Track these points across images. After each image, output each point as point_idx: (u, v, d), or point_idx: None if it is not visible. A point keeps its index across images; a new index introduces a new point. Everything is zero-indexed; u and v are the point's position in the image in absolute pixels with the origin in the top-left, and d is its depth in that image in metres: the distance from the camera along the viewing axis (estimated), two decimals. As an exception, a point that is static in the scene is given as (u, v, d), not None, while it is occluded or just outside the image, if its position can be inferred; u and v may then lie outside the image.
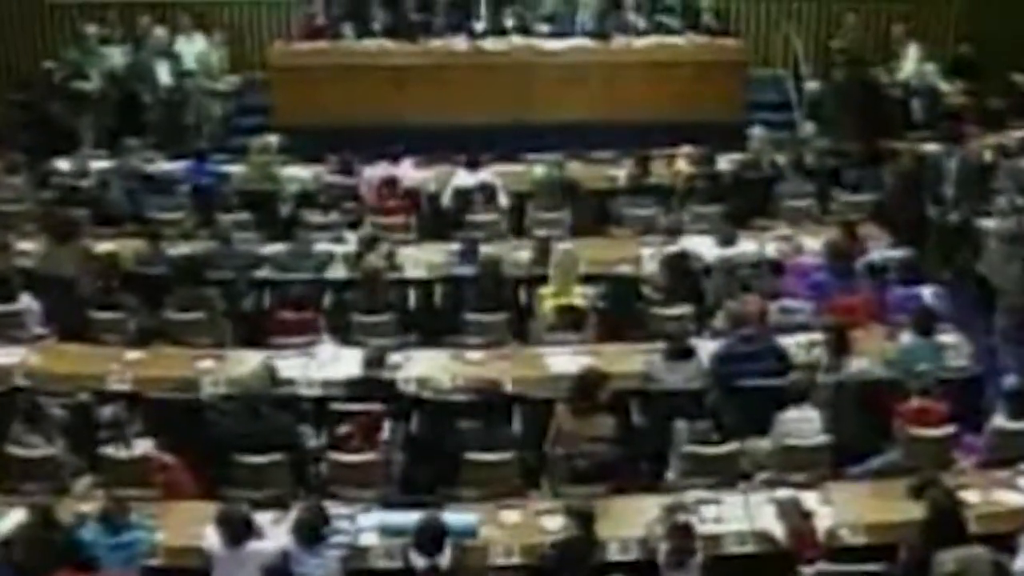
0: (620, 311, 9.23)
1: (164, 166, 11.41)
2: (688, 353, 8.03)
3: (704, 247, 9.62)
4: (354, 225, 10.31)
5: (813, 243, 9.64)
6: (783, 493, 6.92)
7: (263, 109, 13.02)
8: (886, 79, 12.99)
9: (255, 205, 10.71)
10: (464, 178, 10.95)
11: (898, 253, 9.52)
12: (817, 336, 8.19)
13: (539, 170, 11.19)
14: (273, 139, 11.39)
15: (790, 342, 8.22)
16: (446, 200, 10.96)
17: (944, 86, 12.97)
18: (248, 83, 13.85)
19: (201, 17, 13.82)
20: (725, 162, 11.27)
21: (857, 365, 7.89)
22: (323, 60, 12.85)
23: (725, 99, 12.69)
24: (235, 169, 11.34)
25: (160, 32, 13.21)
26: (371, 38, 13.12)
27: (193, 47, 13.38)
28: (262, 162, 11.20)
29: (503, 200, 10.85)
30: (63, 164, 11.40)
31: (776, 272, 9.21)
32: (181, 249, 9.77)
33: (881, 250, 9.61)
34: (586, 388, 7.35)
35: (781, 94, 13.63)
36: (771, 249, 9.67)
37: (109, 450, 7.21)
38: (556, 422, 7.30)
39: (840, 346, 7.91)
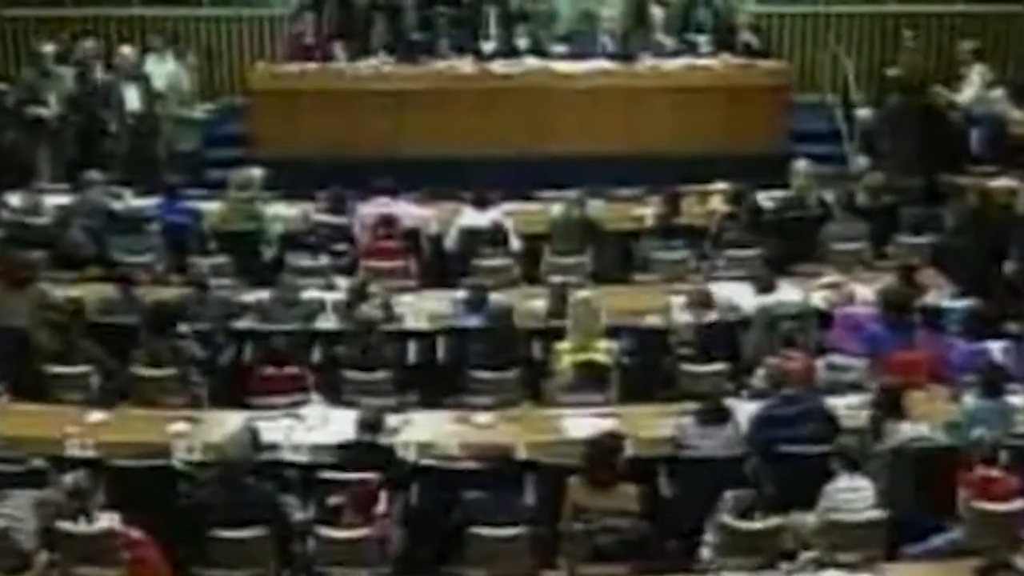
0: (647, 368, 9.34)
1: (132, 203, 11.61)
2: (723, 416, 8.13)
3: (741, 296, 9.74)
4: (346, 270, 10.47)
5: (866, 291, 9.74)
6: (832, 575, 6.99)
7: (243, 139, 13.24)
8: (946, 103, 13.08)
9: (235, 247, 10.87)
10: (471, 217, 11.11)
11: (962, 303, 9.60)
12: (870, 397, 8.29)
13: (556, 209, 11.34)
14: (256, 173, 11.55)
15: (839, 403, 8.32)
16: (451, 242, 11.11)
17: (1016, 114, 13.03)
18: (226, 109, 14.09)
19: (174, 36, 14.06)
20: (765, 200, 11.42)
21: (916, 430, 7.96)
22: (312, 84, 13.09)
23: (765, 128, 12.90)
24: (212, 207, 11.50)
25: (127, 51, 13.39)
26: (367, 59, 13.39)
27: (164, 68, 13.59)
28: (243, 199, 11.35)
29: (515, 242, 10.99)
30: (16, 199, 11.55)
31: (823, 324, 9.33)
32: (151, 296, 9.90)
33: (943, 299, 9.71)
34: (600, 457, 7.43)
35: (829, 123, 13.83)
36: (818, 298, 9.79)
37: (68, 524, 7.27)
38: (569, 497, 7.39)
39: (896, 408, 7.99)
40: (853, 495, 7.38)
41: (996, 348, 8.86)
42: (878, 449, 7.84)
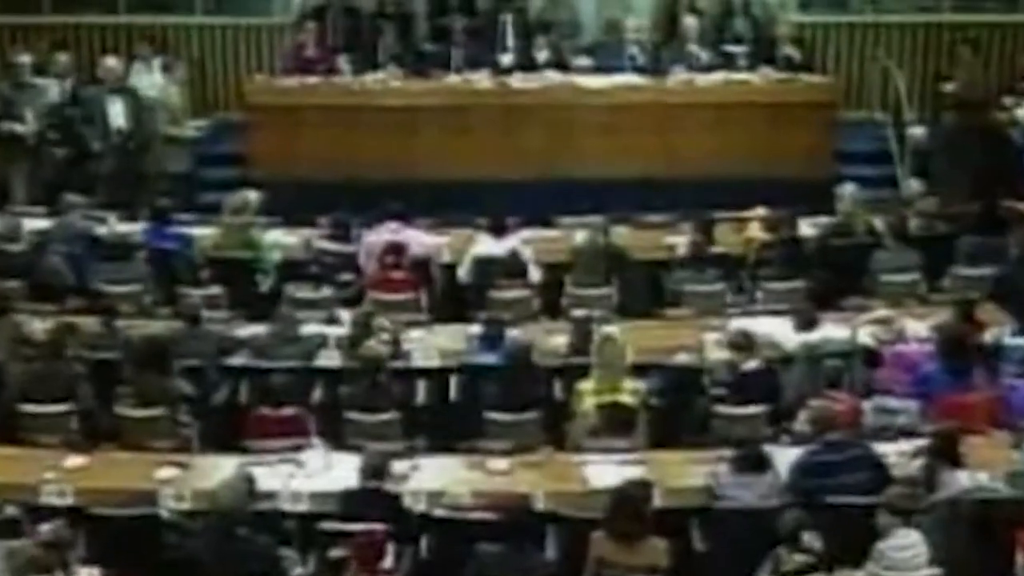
0: (678, 410, 9.38)
1: (116, 228, 11.70)
2: (762, 463, 8.15)
3: (782, 332, 9.77)
4: (351, 302, 10.53)
5: (918, 327, 9.76)
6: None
7: (238, 159, 13.35)
8: (1008, 121, 13.10)
9: (229, 277, 10.94)
10: (487, 245, 11.17)
11: (1025, 341, 9.64)
12: (923, 443, 8.30)
13: (579, 236, 11.40)
14: (253, 196, 11.61)
15: (889, 450, 8.33)
16: (464, 273, 11.17)
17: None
18: (221, 126, 14.19)
19: (163, 46, 14.19)
20: (809, 227, 11.47)
21: (973, 479, 7.95)
22: (314, 99, 13.22)
23: (808, 149, 12.97)
24: (204, 232, 11.58)
25: (112, 63, 13.48)
26: (374, 73, 13.51)
27: (152, 81, 13.70)
28: (238, 224, 11.41)
29: (534, 273, 11.05)
30: (-9, 224, 11.66)
31: (872, 363, 9.33)
32: (137, 330, 9.98)
33: (1003, 337, 9.72)
34: (627, 507, 7.46)
35: (878, 143, 13.87)
36: (865, 335, 9.78)
37: (46, 579, 7.30)
38: (593, 552, 7.40)
39: (952, 456, 7.99)
40: (907, 553, 7.36)
41: (1063, 390, 8.89)
42: (932, 500, 7.83)
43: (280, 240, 11.59)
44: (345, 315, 10.25)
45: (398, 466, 8.24)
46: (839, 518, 7.80)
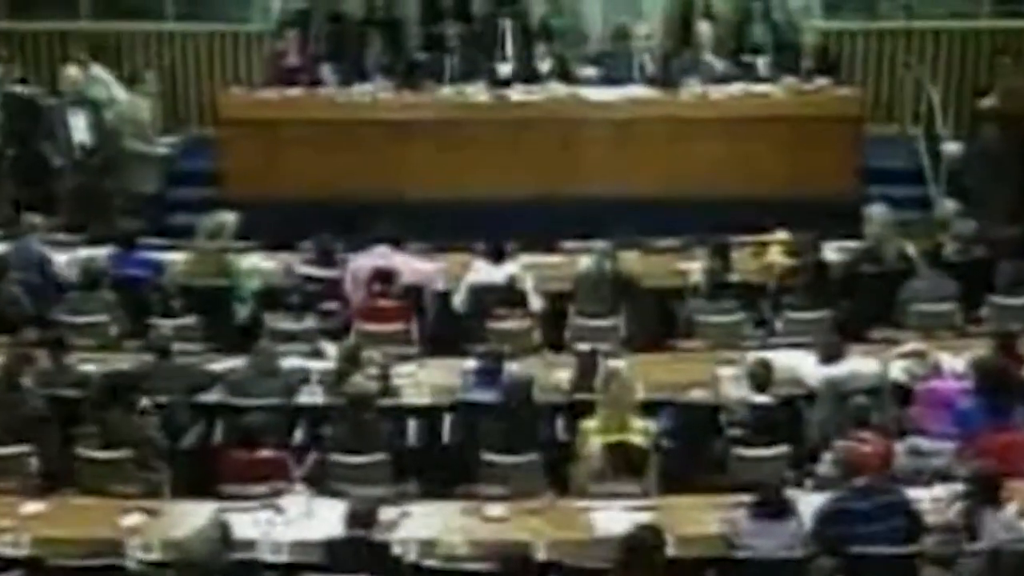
0: (692, 452, 9.39)
1: (79, 253, 11.72)
2: (784, 509, 8.15)
3: (806, 366, 9.79)
4: (336, 334, 10.55)
5: (955, 361, 9.77)
6: None
7: (213, 177, 13.40)
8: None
9: (203, 306, 10.96)
10: (484, 272, 11.20)
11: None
12: (961, 487, 8.31)
13: (584, 262, 11.43)
14: (229, 218, 11.63)
15: (924, 495, 8.34)
16: (459, 301, 11.19)
17: None
18: (194, 142, 14.24)
19: (131, 55, 14.25)
20: (834, 252, 11.52)
21: (1017, 526, 7.98)
22: (296, 113, 13.29)
23: (834, 167, 13.02)
24: (176, 258, 11.62)
25: (73, 73, 13.55)
26: (361, 84, 13.57)
27: (118, 92, 13.74)
28: (213, 249, 11.44)
29: (535, 302, 11.07)
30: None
31: (903, 401, 9.36)
32: (102, 365, 10.00)
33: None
34: (636, 557, 7.46)
35: (911, 160, 13.93)
36: (897, 369, 9.82)
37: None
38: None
39: (993, 500, 8.00)
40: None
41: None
42: (971, 549, 7.85)
43: (258, 266, 11.62)
44: (329, 348, 10.26)
45: (387, 513, 8.24)
46: (869, 570, 7.80)
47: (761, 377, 9.26)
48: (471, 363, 9.96)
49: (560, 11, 14.72)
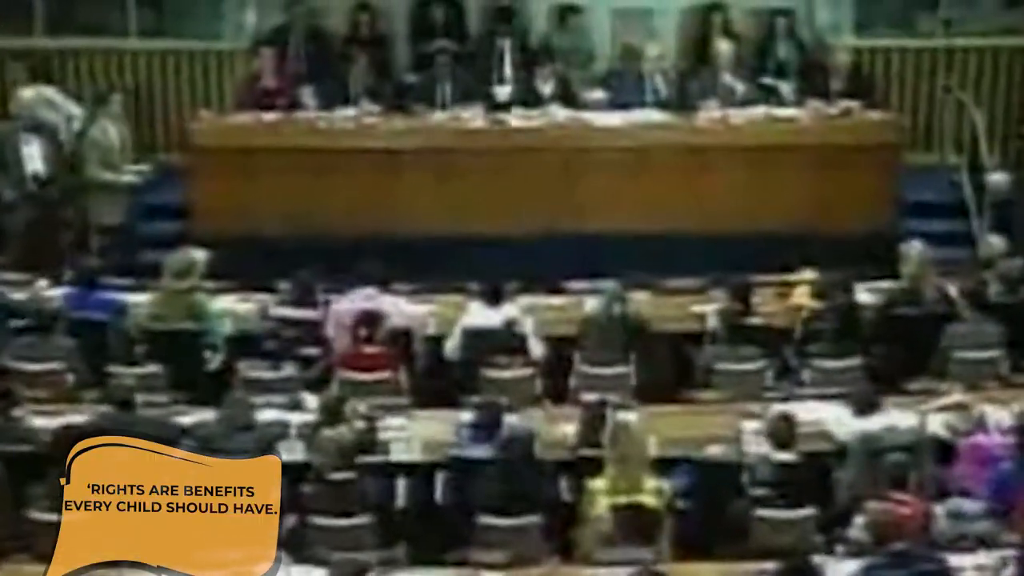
0: (710, 514, 9.42)
1: (34, 293, 11.74)
2: (812, 578, 8.21)
3: (836, 420, 9.83)
4: (317, 383, 10.59)
5: (1000, 415, 9.82)
6: None
7: (182, 211, 13.43)
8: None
9: (170, 353, 10.98)
10: (480, 315, 11.22)
11: None
12: (1009, 553, 8.33)
13: (591, 304, 11.46)
14: (199, 256, 11.63)
15: (966, 563, 8.37)
16: (453, 348, 11.22)
17: None
18: (160, 172, 14.20)
19: (91, 74, 14.28)
20: (867, 293, 11.56)
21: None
22: (273, 140, 13.33)
23: (867, 199, 13.10)
24: (140, 299, 11.61)
25: (28, 95, 13.59)
26: (345, 109, 13.59)
27: (75, 113, 13.80)
28: (182, 289, 11.40)
29: (537, 348, 11.11)
30: None
31: (944, 458, 9.38)
32: (56, 418, 10.00)
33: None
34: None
35: (952, 193, 13.97)
36: (937, 423, 9.85)
37: None
38: None
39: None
40: None
41: None
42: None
43: (231, 309, 11.64)
44: (310, 399, 10.29)
45: (373, 581, 8.27)
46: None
47: (783, 433, 9.29)
48: (466, 416, 9.98)
49: (564, 28, 14.74)
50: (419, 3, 14.93)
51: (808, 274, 11.64)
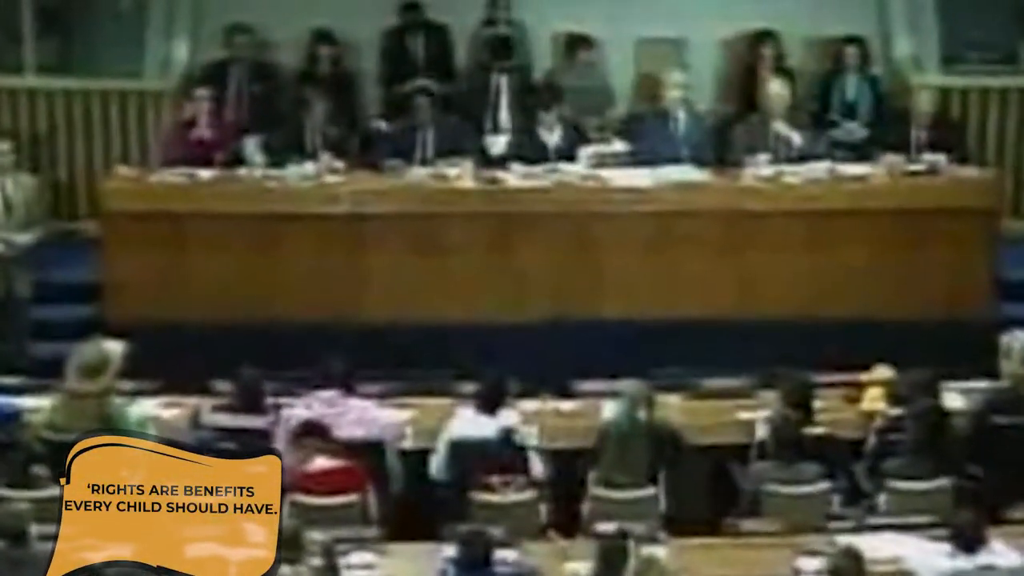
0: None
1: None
2: None
3: (922, 557, 9.86)
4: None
5: None
6: None
7: (92, 292, 13.51)
8: None
9: (77, 471, 11.06)
10: (470, 424, 11.25)
11: None
12: None
13: (608, 410, 11.53)
14: (113, 349, 11.70)
15: None
16: (438, 465, 11.26)
17: None
18: (63, 242, 14.28)
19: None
20: (958, 397, 11.64)
21: None
22: (207, 204, 13.39)
23: (958, 278, 13.22)
24: (39, 404, 11.69)
25: None
26: (300, 164, 13.58)
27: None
28: (91, 392, 11.48)
29: (538, 467, 11.17)
30: None
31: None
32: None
33: None
34: None
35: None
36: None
37: None
38: None
39: None
40: None
41: None
42: None
43: (155, 415, 11.69)
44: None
45: None
46: None
47: (852, 573, 9.36)
48: (451, 550, 10.01)
49: (575, 63, 14.89)
50: (393, 31, 15.09)
51: (883, 372, 11.75)
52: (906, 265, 13.22)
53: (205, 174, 13.67)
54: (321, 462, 10.85)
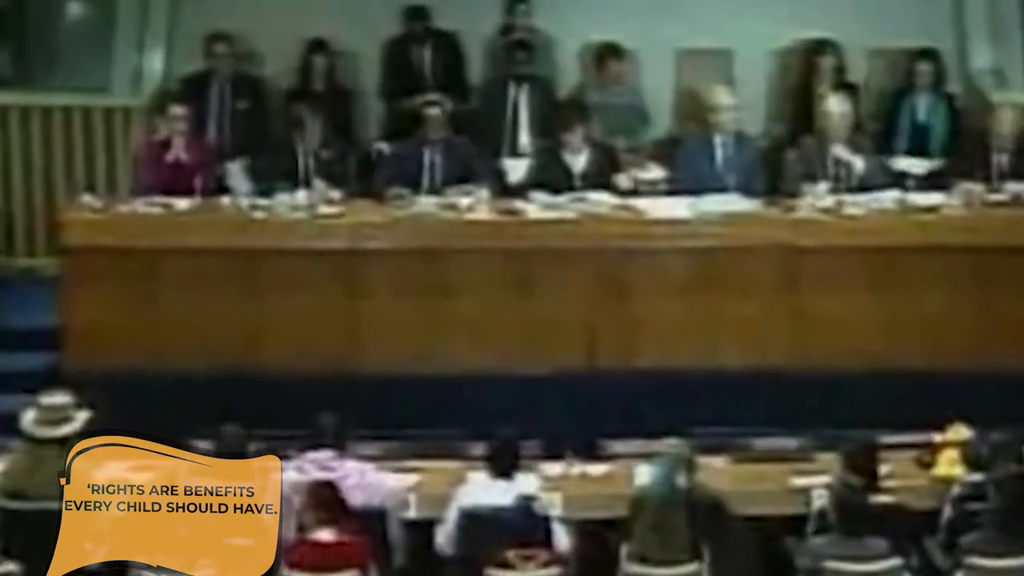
0: None
1: None
2: None
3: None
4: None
5: None
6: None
7: (50, 339, 13.57)
8: None
9: (33, 543, 11.13)
10: (484, 491, 11.30)
11: None
12: None
13: (643, 474, 11.61)
14: (81, 415, 11.74)
15: None
16: (446, 537, 11.34)
17: None
18: (21, 282, 14.46)
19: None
20: (1044, 461, 11.73)
21: None
22: (184, 238, 13.42)
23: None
24: (-9, 465, 11.84)
25: None
26: (291, 193, 13.63)
27: None
28: (50, 453, 11.57)
29: (563, 540, 11.22)
30: None
31: None
32: None
33: None
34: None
35: None
36: None
37: None
38: None
39: None
40: None
41: None
42: None
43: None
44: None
45: None
46: None
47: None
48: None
49: (605, 77, 14.97)
50: (396, 41, 15.21)
51: (960, 432, 11.80)
52: (985, 309, 13.25)
53: (182, 204, 13.71)
54: (323, 534, 10.92)
